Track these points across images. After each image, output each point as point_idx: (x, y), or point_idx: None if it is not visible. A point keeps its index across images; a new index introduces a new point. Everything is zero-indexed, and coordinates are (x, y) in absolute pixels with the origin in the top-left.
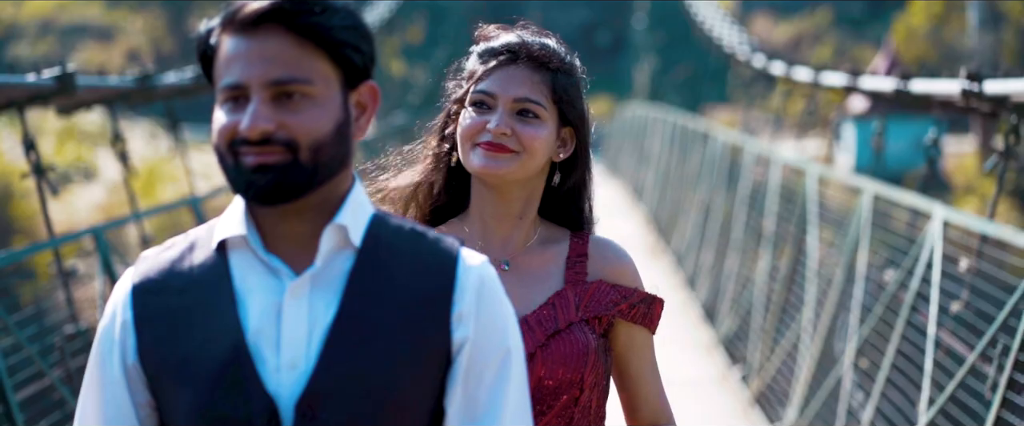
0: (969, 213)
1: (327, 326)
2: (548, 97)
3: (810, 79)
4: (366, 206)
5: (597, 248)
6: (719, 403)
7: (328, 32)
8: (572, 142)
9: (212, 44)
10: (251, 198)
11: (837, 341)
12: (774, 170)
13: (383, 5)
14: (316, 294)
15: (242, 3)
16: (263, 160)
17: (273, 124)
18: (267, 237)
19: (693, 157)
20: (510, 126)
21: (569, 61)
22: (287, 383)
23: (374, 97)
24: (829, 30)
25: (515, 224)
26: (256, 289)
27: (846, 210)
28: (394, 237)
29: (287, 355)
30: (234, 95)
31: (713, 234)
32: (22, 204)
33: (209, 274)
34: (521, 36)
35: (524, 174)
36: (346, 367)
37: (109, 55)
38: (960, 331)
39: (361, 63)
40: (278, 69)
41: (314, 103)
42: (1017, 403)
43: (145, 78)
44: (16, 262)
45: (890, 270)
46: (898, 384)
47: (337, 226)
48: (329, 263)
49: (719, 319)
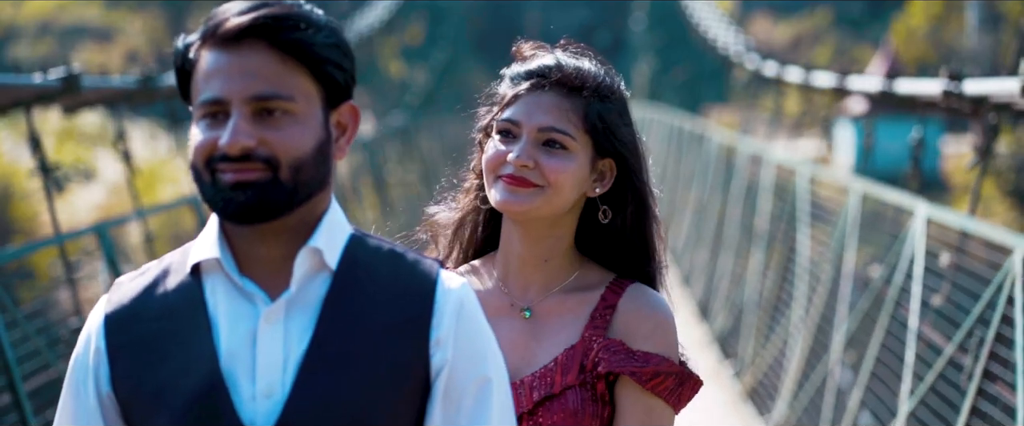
0: (955, 211)
1: (302, 353)
2: (579, 126)
3: (801, 80)
4: (343, 226)
5: (630, 300)
6: (712, 398)
7: (311, 48)
8: (611, 175)
9: (191, 59)
10: (229, 216)
11: (826, 336)
12: (767, 170)
13: (382, 5)
14: (291, 319)
15: (223, 17)
16: (242, 177)
17: (254, 140)
18: (241, 260)
19: (689, 157)
20: (533, 158)
21: (608, 85)
22: (263, 412)
23: (355, 117)
24: (829, 30)
25: (539, 266)
26: (231, 315)
27: (837, 209)
28: (372, 259)
29: (262, 383)
30: (213, 111)
31: (708, 233)
32: (21, 205)
33: (183, 301)
34: (557, 57)
35: (549, 211)
36: (322, 395)
37: (108, 56)
38: (941, 324)
39: (343, 81)
40: (260, 84)
41: (295, 120)
42: (990, 392)
43: (147, 80)
44: (23, 257)
45: (875, 265)
46: (883, 376)
47: (311, 249)
48: (304, 287)
49: (713, 316)
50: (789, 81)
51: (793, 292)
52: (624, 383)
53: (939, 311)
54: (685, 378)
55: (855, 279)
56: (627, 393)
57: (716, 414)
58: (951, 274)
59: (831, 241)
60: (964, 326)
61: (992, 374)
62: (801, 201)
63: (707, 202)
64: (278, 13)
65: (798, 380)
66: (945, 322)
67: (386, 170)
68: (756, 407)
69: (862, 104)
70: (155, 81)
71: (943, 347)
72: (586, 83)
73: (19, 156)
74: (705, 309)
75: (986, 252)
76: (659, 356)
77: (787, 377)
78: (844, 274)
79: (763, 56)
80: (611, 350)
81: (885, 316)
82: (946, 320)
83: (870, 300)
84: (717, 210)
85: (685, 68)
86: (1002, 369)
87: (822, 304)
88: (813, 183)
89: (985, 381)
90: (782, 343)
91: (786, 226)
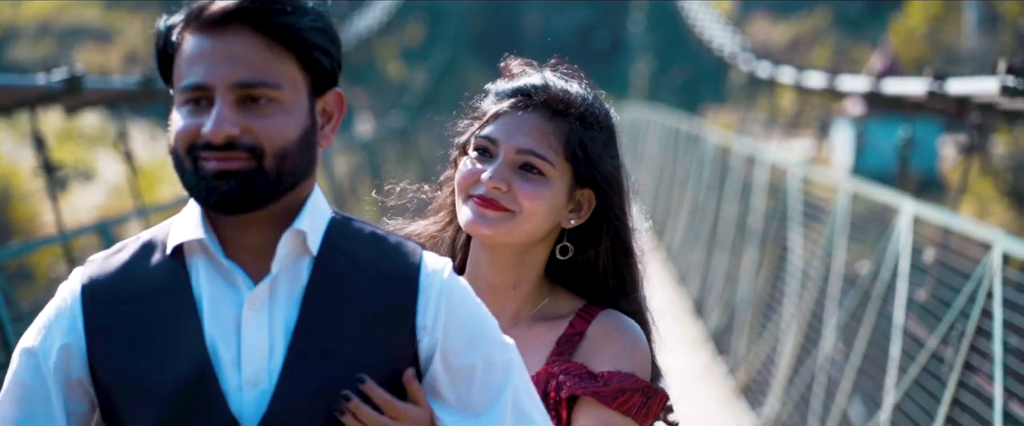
0: (940, 209)
1: (287, 342)
2: (559, 152)
3: (793, 81)
4: (324, 209)
5: (600, 325)
6: (706, 394)
7: (298, 33)
8: (589, 207)
9: (173, 41)
10: (211, 206)
11: (816, 333)
12: (761, 170)
13: (381, 6)
14: (275, 305)
15: (208, 1)
16: (225, 166)
17: (238, 128)
18: (226, 244)
19: (685, 157)
20: (507, 180)
21: (595, 112)
22: (250, 401)
23: (340, 105)
24: (828, 31)
25: (508, 293)
26: (215, 299)
27: (829, 208)
28: (352, 243)
29: (248, 372)
30: (196, 97)
31: (703, 232)
32: (21, 206)
33: (167, 282)
34: (544, 77)
35: (518, 238)
36: (308, 385)
37: (107, 56)
38: (926, 319)
39: (330, 67)
40: (244, 70)
41: (281, 108)
42: (970, 385)
43: (149, 81)
44: (25, 254)
45: (863, 261)
46: (870, 370)
47: (296, 231)
48: (287, 271)
49: (707, 314)
50: (783, 82)
51: (785, 290)
52: (583, 404)
53: (923, 306)
54: (652, 394)
55: (845, 276)
56: (586, 412)
57: (709, 411)
58: (935, 270)
59: (822, 239)
60: (946, 320)
61: (972, 366)
62: (793, 200)
63: (703, 202)
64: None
65: (789, 376)
66: (929, 316)
67: (385, 171)
68: (749, 403)
69: (860, 105)
70: (156, 82)
71: (927, 341)
72: (571, 107)
73: (17, 157)
74: (700, 307)
75: (968, 248)
76: (622, 373)
77: (778, 371)
78: (834, 271)
79: (758, 57)
80: (572, 373)
81: (872, 312)
82: (930, 315)
83: (858, 296)
84: (712, 209)
85: (683, 69)
86: (982, 361)
87: (813, 301)
88: (805, 183)
89: (966, 373)
90: (774, 340)
91: (779, 225)
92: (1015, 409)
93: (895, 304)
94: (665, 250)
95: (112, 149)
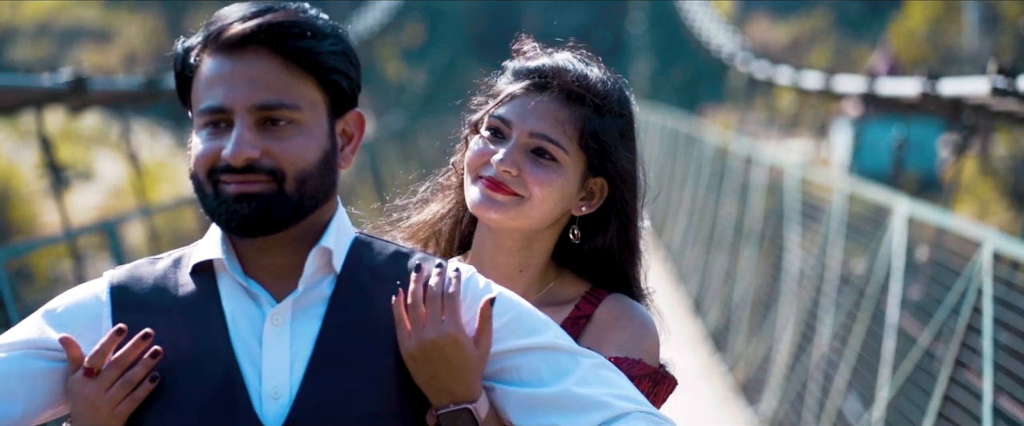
0: (932, 208)
1: (309, 354)
2: (573, 138)
3: (790, 81)
4: (347, 229)
5: (607, 310)
6: (705, 392)
7: (317, 56)
8: (601, 196)
9: (191, 64)
10: (232, 229)
11: (812, 331)
12: (759, 170)
13: (381, 6)
14: (297, 321)
15: (226, 22)
16: (246, 189)
17: (258, 151)
18: (246, 264)
19: (684, 158)
20: (518, 164)
21: (614, 100)
22: (270, 413)
23: (360, 126)
24: (828, 31)
25: (513, 277)
26: (236, 316)
27: (825, 208)
28: (376, 260)
29: (269, 385)
30: (215, 119)
31: (702, 231)
32: (21, 206)
33: (195, 297)
34: (563, 60)
35: (525, 223)
36: (327, 396)
37: (107, 57)
38: (920, 316)
39: (349, 89)
40: (264, 93)
41: (301, 130)
42: (961, 381)
43: (152, 82)
44: (31, 252)
45: (858, 259)
46: (865, 367)
47: (322, 249)
48: (310, 288)
49: (706, 313)
50: (780, 83)
51: (782, 289)
52: None
53: (917, 304)
54: (660, 379)
55: (841, 275)
56: None
57: (708, 408)
58: (929, 268)
59: (819, 239)
60: (938, 317)
61: (963, 362)
62: (791, 200)
63: (702, 202)
64: (283, 20)
65: (786, 373)
66: (923, 314)
67: (385, 171)
68: (747, 400)
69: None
70: (159, 83)
71: (920, 338)
72: (589, 94)
73: (17, 158)
74: (698, 306)
75: (960, 246)
76: (630, 360)
77: (775, 368)
78: (830, 270)
79: (756, 57)
80: None
81: (867, 310)
82: (924, 312)
83: (853, 295)
84: (711, 209)
85: (683, 69)
86: (973, 357)
87: (809, 300)
88: (802, 183)
89: (958, 369)
90: (772, 338)
91: (776, 225)
92: (1004, 405)
93: (889, 302)
94: (664, 249)
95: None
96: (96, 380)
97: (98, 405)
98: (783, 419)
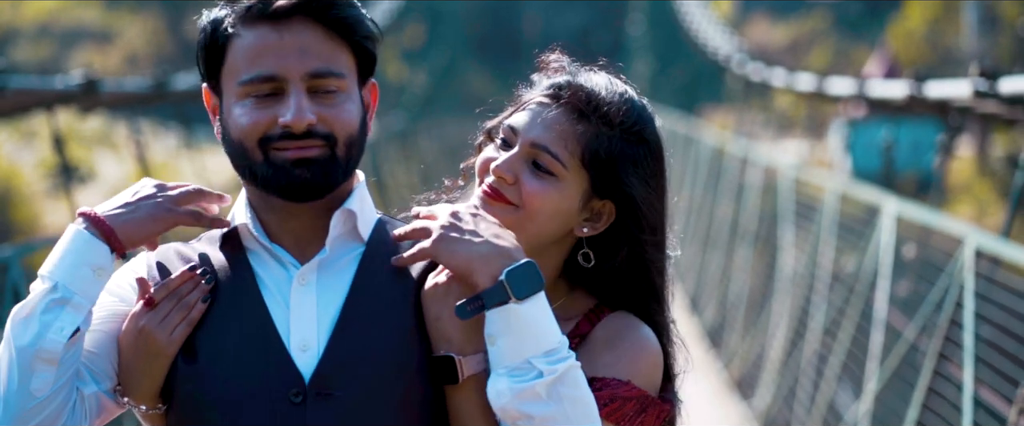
0: (921, 207)
1: (335, 312)
2: (575, 154)
3: (785, 83)
4: (370, 202)
5: (604, 328)
6: (702, 388)
7: (356, 25)
8: (608, 219)
9: (226, 33)
10: (289, 194)
11: (804, 327)
12: (754, 170)
13: (381, 8)
14: (323, 281)
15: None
16: (304, 154)
17: (315, 117)
18: (270, 231)
19: (681, 158)
20: (514, 172)
21: (631, 122)
22: (301, 364)
23: (375, 94)
24: (827, 32)
25: None
26: (264, 278)
27: (818, 207)
28: (398, 238)
29: (297, 338)
30: (264, 90)
31: (699, 231)
32: (23, 207)
33: (228, 261)
34: (576, 75)
35: (521, 237)
36: (354, 349)
37: (108, 58)
38: (908, 311)
39: (374, 56)
40: (315, 61)
41: (347, 97)
42: (944, 373)
43: (161, 84)
44: (46, 248)
45: (848, 257)
46: (854, 361)
47: (347, 211)
48: (336, 253)
49: (702, 310)
50: (775, 85)
51: (776, 287)
52: None
53: (904, 300)
54: (648, 404)
55: (833, 273)
56: None
57: (704, 403)
58: (915, 265)
59: (811, 237)
60: (922, 312)
61: (946, 356)
62: (785, 200)
63: (699, 201)
64: None
65: (779, 368)
66: (909, 309)
67: (385, 171)
68: (742, 395)
69: (861, 106)
70: (168, 84)
71: (905, 332)
72: (597, 110)
73: (17, 159)
74: (695, 304)
75: (946, 244)
76: (617, 380)
77: (769, 363)
78: (822, 268)
79: (752, 58)
80: None
81: (856, 306)
82: (910, 307)
83: (844, 291)
84: (707, 209)
85: (682, 70)
86: (955, 350)
87: (802, 297)
88: (797, 183)
89: (941, 362)
90: (766, 335)
91: (771, 225)
92: (985, 396)
93: (877, 298)
94: None
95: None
96: (154, 310)
97: (154, 333)
98: (776, 413)
